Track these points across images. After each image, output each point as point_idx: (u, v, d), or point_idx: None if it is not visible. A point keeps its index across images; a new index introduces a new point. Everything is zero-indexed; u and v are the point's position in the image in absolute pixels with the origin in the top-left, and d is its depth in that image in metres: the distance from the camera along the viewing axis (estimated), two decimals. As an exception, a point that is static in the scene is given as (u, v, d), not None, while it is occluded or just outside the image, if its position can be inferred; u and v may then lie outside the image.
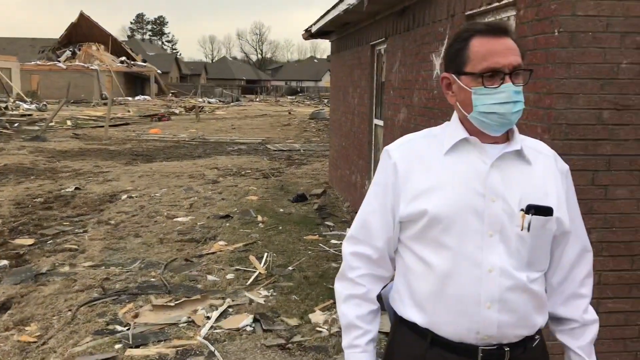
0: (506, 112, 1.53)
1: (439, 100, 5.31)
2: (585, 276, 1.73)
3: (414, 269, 1.64)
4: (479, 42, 1.55)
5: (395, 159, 1.67)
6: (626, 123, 3.40)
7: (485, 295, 1.55)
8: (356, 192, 8.83)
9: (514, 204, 1.57)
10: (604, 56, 3.33)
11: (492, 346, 1.57)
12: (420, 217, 1.59)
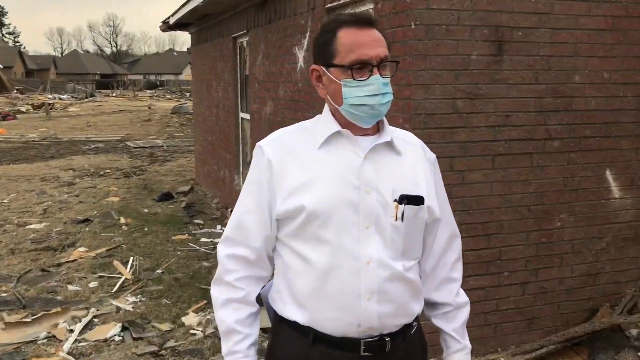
0: (376, 104, 1.54)
1: (305, 93, 5.34)
2: (455, 260, 1.78)
3: (294, 267, 1.60)
4: (345, 34, 1.54)
5: (268, 155, 1.62)
6: (478, 111, 3.63)
7: (365, 287, 1.55)
8: (225, 188, 8.68)
9: (388, 195, 1.58)
10: (457, 48, 3.53)
11: (373, 338, 1.58)
12: (297, 213, 1.56)
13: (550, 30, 3.69)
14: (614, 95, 3.93)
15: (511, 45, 3.63)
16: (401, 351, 1.63)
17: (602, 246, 4.11)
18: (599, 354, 3.84)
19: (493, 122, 3.67)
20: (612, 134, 3.98)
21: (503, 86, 3.66)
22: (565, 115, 3.84)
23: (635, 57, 3.93)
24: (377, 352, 1.59)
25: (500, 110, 3.68)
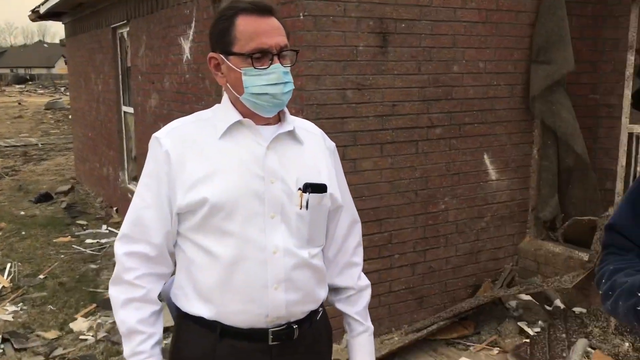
0: (277, 93, 1.52)
1: (192, 84, 5.22)
2: (356, 245, 1.80)
3: (197, 261, 1.56)
4: (244, 22, 1.50)
5: (166, 146, 1.55)
6: (366, 101, 3.74)
7: (272, 277, 1.55)
8: (109, 186, 8.29)
9: (292, 184, 1.58)
10: (345, 39, 3.60)
11: (281, 326, 1.58)
12: (200, 206, 1.52)
13: (431, 22, 3.88)
14: (489, 84, 4.20)
15: (395, 36, 3.77)
16: (308, 337, 1.64)
17: (483, 225, 4.40)
18: (483, 326, 4.11)
19: (381, 112, 3.80)
20: (488, 120, 4.25)
21: (389, 76, 3.79)
22: (446, 104, 4.05)
23: (507, 48, 4.22)
24: (285, 340, 1.59)
25: (387, 100, 3.81)
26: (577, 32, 4.42)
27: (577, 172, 4.47)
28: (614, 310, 1.22)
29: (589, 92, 4.64)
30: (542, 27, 4.22)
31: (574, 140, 4.33)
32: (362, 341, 1.80)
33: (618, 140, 4.59)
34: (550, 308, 4.24)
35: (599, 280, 1.29)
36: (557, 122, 4.31)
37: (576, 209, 4.52)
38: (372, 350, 1.81)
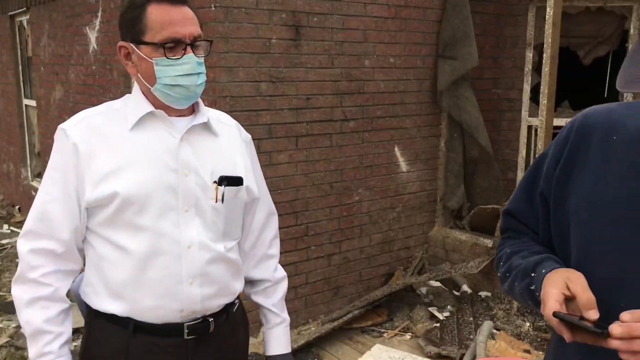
0: (191, 85, 1.48)
1: (99, 76, 5.02)
2: (273, 237, 1.80)
3: (109, 257, 1.51)
4: (156, 10, 1.45)
5: (74, 138, 1.48)
6: (280, 94, 3.75)
7: (187, 272, 1.52)
8: (11, 184, 7.82)
9: (207, 177, 1.55)
10: (257, 31, 3.59)
11: (196, 320, 1.56)
12: (110, 200, 1.46)
13: (342, 16, 3.94)
14: (399, 78, 4.33)
15: (308, 30, 3.80)
16: (225, 330, 1.63)
17: (394, 216, 4.54)
18: (396, 313, 4.25)
19: (295, 105, 3.82)
20: (398, 114, 4.38)
21: (302, 69, 3.82)
22: (358, 98, 4.14)
23: (415, 43, 4.36)
24: (201, 334, 1.57)
25: (301, 93, 3.84)
26: (480, 30, 4.64)
27: (481, 163, 4.71)
28: (511, 291, 1.30)
29: (492, 86, 4.89)
30: (448, 23, 4.39)
31: (479, 132, 4.55)
32: (278, 332, 1.80)
33: (519, 132, 4.88)
34: (458, 293, 4.45)
35: (497, 263, 1.37)
36: (463, 115, 4.51)
37: (481, 198, 4.76)
38: (288, 341, 1.82)
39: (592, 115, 1.21)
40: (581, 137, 1.20)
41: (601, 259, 1.11)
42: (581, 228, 1.16)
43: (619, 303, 1.05)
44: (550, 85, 3.65)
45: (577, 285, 1.06)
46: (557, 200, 1.22)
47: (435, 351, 3.65)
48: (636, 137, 1.12)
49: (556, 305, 1.04)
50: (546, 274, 1.13)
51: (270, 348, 1.79)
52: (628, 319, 0.96)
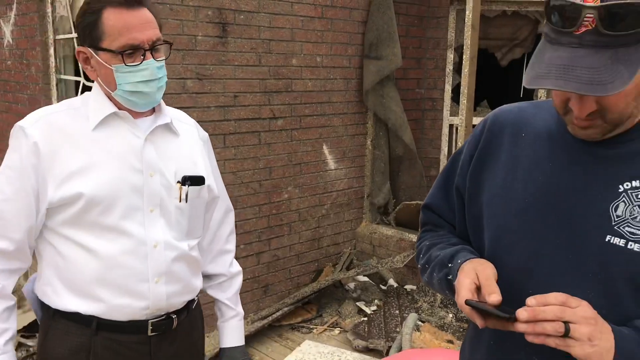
0: (151, 91, 1.48)
1: (15, 71, 4.80)
2: (229, 233, 1.83)
3: (72, 257, 1.49)
4: (113, 15, 1.42)
5: (34, 137, 1.44)
6: (207, 91, 3.72)
7: (153, 270, 1.53)
8: None
9: (171, 177, 1.56)
10: (183, 28, 3.55)
11: (160, 317, 1.58)
12: (74, 200, 1.45)
13: (269, 15, 3.95)
14: (326, 77, 4.39)
15: (234, 27, 3.78)
16: (185, 326, 1.67)
17: (323, 213, 4.60)
18: (325, 308, 4.31)
19: (222, 102, 3.80)
20: (326, 112, 4.44)
21: (230, 67, 3.80)
22: (286, 96, 4.16)
23: (341, 43, 4.43)
24: (165, 330, 1.60)
25: (228, 91, 3.82)
26: (404, 31, 4.77)
27: (406, 161, 4.85)
28: (430, 282, 1.36)
29: (415, 86, 5.04)
30: (372, 24, 4.49)
31: (403, 131, 4.68)
32: (232, 325, 1.84)
33: (441, 131, 5.05)
34: (385, 287, 4.56)
35: (417, 256, 1.43)
36: (388, 114, 4.62)
37: (405, 195, 4.91)
38: (242, 334, 1.87)
39: (503, 113, 1.29)
40: (493, 134, 1.27)
41: (511, 248, 1.18)
42: (493, 220, 1.23)
43: (527, 289, 1.12)
44: (470, 85, 3.81)
45: (482, 275, 1.12)
46: (471, 194, 1.29)
47: (363, 345, 3.73)
48: (541, 134, 1.20)
49: (468, 294, 1.10)
50: (461, 264, 1.20)
51: (225, 340, 1.83)
52: (533, 303, 1.01)
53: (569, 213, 1.11)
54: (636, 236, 1.04)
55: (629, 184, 1.07)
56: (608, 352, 1.00)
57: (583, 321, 1.00)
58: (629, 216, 1.05)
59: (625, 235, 1.05)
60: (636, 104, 1.04)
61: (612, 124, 1.05)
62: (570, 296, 1.03)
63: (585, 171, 1.11)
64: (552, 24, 1.01)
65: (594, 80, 0.95)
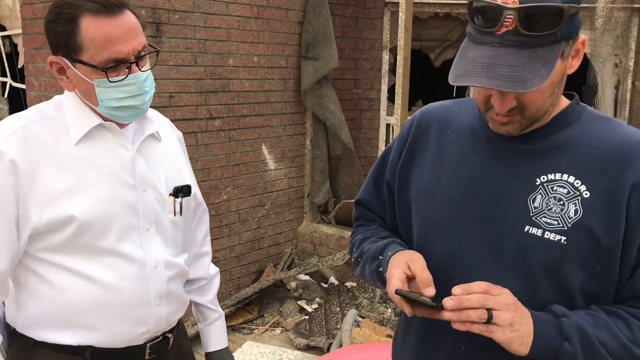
0: (139, 104, 1.33)
1: None
2: (205, 235, 1.72)
3: (64, 285, 1.34)
4: (92, 26, 1.24)
5: (11, 154, 1.26)
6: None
7: (154, 292, 1.42)
8: None
9: (163, 190, 1.44)
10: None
11: (157, 339, 1.48)
12: (64, 224, 1.30)
13: (204, 14, 3.92)
14: (264, 77, 4.39)
15: (169, 27, 3.74)
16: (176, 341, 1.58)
17: (264, 213, 4.60)
18: (267, 308, 4.31)
19: (157, 103, 3.74)
20: (264, 112, 4.45)
21: (164, 67, 3.75)
22: (223, 96, 4.14)
23: (278, 43, 4.45)
24: (162, 351, 1.50)
25: (164, 91, 3.77)
26: (340, 32, 4.84)
27: (344, 160, 4.91)
28: (362, 275, 1.39)
29: (353, 86, 5.11)
30: (309, 25, 4.53)
31: (341, 131, 4.74)
32: (216, 328, 1.75)
33: (378, 130, 5.15)
34: (326, 285, 4.60)
35: (350, 250, 1.46)
36: (326, 114, 4.67)
37: (345, 193, 4.97)
38: (225, 336, 1.78)
39: (430, 111, 1.34)
40: (420, 131, 1.32)
41: (437, 240, 1.24)
42: (421, 213, 1.28)
43: (452, 278, 1.18)
44: (404, 85, 3.90)
45: (416, 266, 1.16)
46: (401, 189, 1.33)
47: (304, 343, 3.76)
48: (465, 131, 1.26)
49: (398, 284, 1.14)
50: (391, 256, 1.24)
51: (210, 345, 1.74)
52: (458, 292, 1.06)
53: (491, 205, 1.16)
54: (552, 226, 1.11)
55: (545, 177, 1.13)
56: (527, 335, 1.06)
57: (505, 308, 1.05)
58: (545, 207, 1.12)
59: (542, 225, 1.11)
60: (552, 100, 1.11)
61: (529, 120, 1.12)
62: (493, 284, 1.08)
63: (505, 166, 1.17)
64: (475, 25, 1.07)
65: (514, 77, 1.01)
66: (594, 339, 1.07)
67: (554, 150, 1.15)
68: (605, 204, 1.09)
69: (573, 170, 1.12)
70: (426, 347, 1.29)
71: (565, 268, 1.10)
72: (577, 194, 1.11)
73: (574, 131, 1.15)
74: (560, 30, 1.02)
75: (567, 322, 1.08)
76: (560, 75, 1.09)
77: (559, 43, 1.04)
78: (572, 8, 1.02)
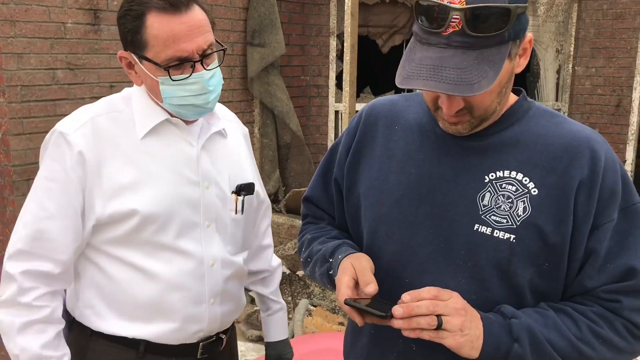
0: (203, 103, 1.32)
1: None
2: (266, 227, 1.70)
3: (121, 278, 1.35)
4: (157, 23, 1.24)
5: (79, 146, 1.27)
6: (80, 82, 3.51)
7: (209, 291, 1.40)
8: None
9: (226, 187, 1.42)
10: (49, 15, 3.31)
11: (210, 338, 1.46)
12: (127, 218, 1.30)
13: (145, 1, 3.78)
14: (209, 65, 4.29)
15: (107, 14, 3.59)
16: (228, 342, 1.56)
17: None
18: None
19: (97, 93, 3.60)
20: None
21: (104, 56, 3.60)
22: (167, 85, 4.02)
23: (223, 30, 4.35)
24: (215, 351, 1.48)
25: (104, 81, 3.63)
26: (286, 18, 4.77)
27: (293, 148, 4.87)
28: (312, 275, 1.36)
29: (300, 73, 5.06)
30: (254, 11, 4.44)
31: (290, 118, 4.69)
32: (278, 319, 1.74)
33: (327, 117, 5.12)
34: (277, 275, 4.58)
35: (299, 249, 1.43)
36: (274, 102, 4.61)
37: (295, 182, 4.94)
38: (286, 327, 1.78)
39: (377, 106, 1.31)
40: (368, 127, 1.29)
41: (387, 238, 1.21)
42: (369, 211, 1.25)
43: (403, 278, 1.16)
44: (352, 72, 3.87)
45: (358, 267, 1.14)
46: (349, 186, 1.30)
47: (256, 334, 3.73)
48: (412, 127, 1.23)
49: (347, 292, 1.11)
50: (341, 260, 1.21)
51: (271, 334, 1.73)
52: (407, 299, 1.04)
53: (441, 203, 1.15)
54: (501, 224, 1.10)
55: (494, 174, 1.12)
56: (478, 339, 1.05)
57: (454, 313, 1.04)
58: (494, 205, 1.11)
59: (491, 223, 1.10)
60: (500, 99, 1.10)
61: (479, 119, 1.11)
62: (442, 289, 1.06)
63: (454, 163, 1.15)
64: (422, 24, 1.04)
65: (461, 80, 0.99)
66: (543, 338, 1.07)
67: (502, 147, 1.14)
68: (553, 202, 1.09)
69: (521, 167, 1.11)
70: (377, 347, 1.27)
71: (514, 266, 1.10)
72: (526, 192, 1.10)
73: (521, 127, 1.15)
74: (507, 30, 1.00)
75: (516, 323, 1.08)
76: (508, 76, 1.08)
77: (507, 43, 1.02)
78: (519, 8, 1.01)
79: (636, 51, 4.57)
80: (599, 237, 1.09)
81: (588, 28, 4.72)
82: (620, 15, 4.60)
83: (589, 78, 4.79)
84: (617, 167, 1.11)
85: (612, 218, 1.09)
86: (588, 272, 1.11)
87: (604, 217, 1.09)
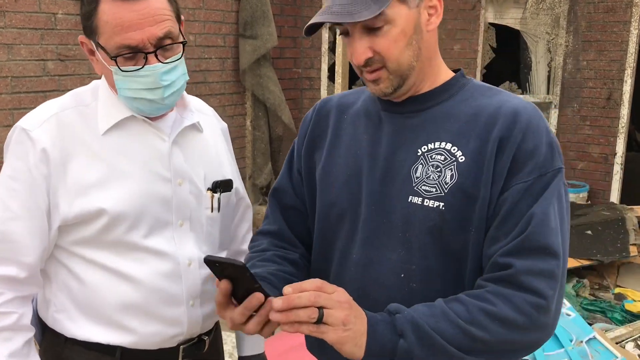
0: (156, 98, 1.22)
1: None
2: (246, 232, 1.60)
3: (92, 280, 1.28)
4: (108, 8, 1.15)
5: (43, 142, 1.21)
6: (71, 73, 3.49)
7: (188, 292, 1.33)
8: None
9: (200, 184, 1.35)
10: (40, 5, 3.29)
11: (192, 341, 1.39)
12: (95, 217, 1.23)
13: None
14: (200, 57, 4.27)
15: (99, 5, 3.56)
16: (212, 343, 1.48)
17: (204, 196, 4.51)
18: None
19: (89, 85, 3.58)
20: (202, 93, 4.33)
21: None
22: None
23: (215, 22, 4.33)
24: (196, 354, 1.41)
25: (94, 72, 3.58)
26: (278, 9, 4.75)
27: (286, 141, 4.87)
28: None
29: (292, 66, 5.05)
30: (246, 3, 4.43)
31: (282, 111, 4.69)
32: None
33: (319, 109, 5.12)
34: (270, 267, 4.58)
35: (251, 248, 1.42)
36: (266, 94, 4.60)
37: (287, 174, 4.94)
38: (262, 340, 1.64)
39: (330, 99, 1.37)
40: (321, 118, 1.34)
41: (339, 220, 1.24)
42: (323, 194, 1.29)
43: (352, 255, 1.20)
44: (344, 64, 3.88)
45: None
46: (307, 173, 1.34)
47: (249, 326, 3.73)
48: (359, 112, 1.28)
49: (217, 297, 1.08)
50: None
51: (245, 348, 1.60)
52: (289, 292, 0.99)
53: (381, 179, 1.19)
54: (430, 193, 1.12)
55: (425, 147, 1.15)
56: (362, 335, 1.02)
57: (337, 306, 1.00)
58: (425, 176, 1.14)
59: (422, 193, 1.13)
60: (411, 53, 1.13)
61: (396, 75, 1.13)
62: (327, 282, 1.04)
63: (393, 140, 1.19)
64: None
65: (344, 11, 1.06)
66: (428, 328, 1.03)
67: (436, 121, 1.17)
68: (478, 166, 1.10)
69: (450, 137, 1.14)
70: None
71: (446, 233, 1.11)
72: (453, 160, 1.12)
73: (455, 101, 1.18)
74: None
75: (399, 318, 1.05)
76: (413, 26, 1.11)
77: None
78: None
79: (627, 44, 4.59)
80: (507, 198, 1.09)
81: (579, 21, 4.74)
82: (612, 8, 4.62)
83: (580, 71, 4.81)
84: (541, 132, 1.11)
85: (526, 180, 1.08)
86: (491, 234, 1.10)
87: (517, 178, 1.09)
